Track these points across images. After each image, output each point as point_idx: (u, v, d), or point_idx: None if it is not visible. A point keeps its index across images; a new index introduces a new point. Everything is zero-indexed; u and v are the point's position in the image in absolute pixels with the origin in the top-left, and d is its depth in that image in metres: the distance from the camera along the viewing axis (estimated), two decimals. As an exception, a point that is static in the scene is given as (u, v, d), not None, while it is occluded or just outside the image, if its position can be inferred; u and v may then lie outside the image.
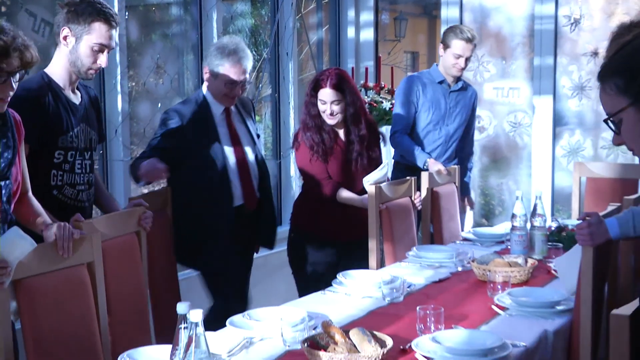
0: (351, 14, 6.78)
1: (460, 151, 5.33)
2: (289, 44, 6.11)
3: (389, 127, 5.83)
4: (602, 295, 3.10)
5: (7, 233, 2.51)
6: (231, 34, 5.96)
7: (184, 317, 2.07)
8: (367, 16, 6.81)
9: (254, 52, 6.09)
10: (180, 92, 5.39)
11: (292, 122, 6.18)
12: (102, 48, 3.35)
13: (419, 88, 5.12)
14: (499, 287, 3.29)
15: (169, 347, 2.21)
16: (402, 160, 5.21)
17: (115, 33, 3.43)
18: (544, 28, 6.14)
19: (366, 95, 6.06)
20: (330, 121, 4.28)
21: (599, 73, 1.86)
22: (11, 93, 2.62)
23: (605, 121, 1.90)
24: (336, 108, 4.24)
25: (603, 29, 6.20)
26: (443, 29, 6.49)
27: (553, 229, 4.42)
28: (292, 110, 6.17)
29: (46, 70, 3.41)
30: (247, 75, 4.13)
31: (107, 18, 3.33)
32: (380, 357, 2.53)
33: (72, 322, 2.81)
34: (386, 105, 6.03)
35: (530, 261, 3.72)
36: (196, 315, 2.00)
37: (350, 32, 6.79)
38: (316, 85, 4.28)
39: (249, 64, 4.11)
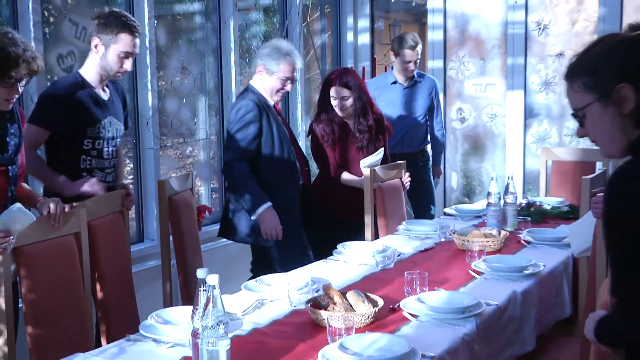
0: (350, 21, 6.75)
1: (432, 130, 5.47)
2: (296, 47, 6.08)
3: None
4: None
5: (10, 208, 2.54)
6: (247, 39, 5.95)
7: (203, 281, 2.07)
8: (364, 23, 6.78)
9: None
10: (202, 90, 5.38)
11: (299, 114, 6.17)
12: (127, 55, 3.39)
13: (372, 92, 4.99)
14: (476, 254, 3.30)
15: (190, 307, 2.21)
16: (397, 149, 5.23)
17: (138, 41, 3.46)
18: (516, 32, 6.11)
19: (363, 91, 6.05)
20: (342, 113, 4.33)
21: (567, 72, 1.83)
22: (17, 96, 2.65)
23: (574, 114, 1.85)
24: (345, 103, 4.29)
25: (567, 34, 6.17)
26: (430, 34, 6.50)
27: (523, 205, 4.43)
28: (299, 103, 6.16)
29: (80, 71, 3.46)
30: (296, 74, 4.20)
31: (131, 30, 3.38)
32: (372, 315, 2.54)
33: (62, 282, 2.89)
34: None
35: (503, 232, 3.73)
36: (213, 279, 2.00)
37: (350, 36, 6.76)
38: (327, 84, 4.35)
39: (299, 64, 4.14)
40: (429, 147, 5.56)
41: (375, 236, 4.20)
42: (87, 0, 4.59)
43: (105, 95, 3.51)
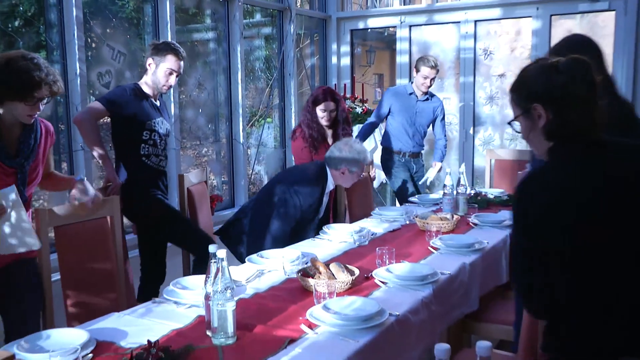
0: (334, 47, 6.75)
1: (436, 138, 5.37)
2: (291, 68, 6.09)
3: (360, 126, 5.88)
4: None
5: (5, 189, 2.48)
6: (251, 61, 5.94)
7: (214, 255, 2.07)
8: (345, 48, 6.78)
9: (267, 74, 6.08)
10: (215, 102, 5.37)
11: (293, 122, 6.16)
12: (172, 72, 3.52)
13: (391, 97, 5.20)
14: (434, 234, 3.30)
15: (203, 276, 2.21)
16: (386, 144, 5.31)
17: (182, 64, 3.57)
18: (467, 57, 6.13)
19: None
20: (326, 123, 4.28)
21: (511, 85, 1.84)
22: (38, 113, 2.55)
23: (509, 123, 1.86)
24: (332, 114, 4.26)
25: (507, 58, 6.21)
26: (399, 58, 6.50)
27: (472, 194, 4.43)
28: (293, 114, 6.15)
29: (139, 82, 3.58)
30: None
31: (176, 52, 3.52)
32: (350, 282, 2.54)
33: (95, 259, 2.92)
34: (359, 110, 6.02)
35: (455, 216, 3.74)
36: (222, 253, 2.00)
37: (334, 59, 6.76)
38: (317, 100, 4.26)
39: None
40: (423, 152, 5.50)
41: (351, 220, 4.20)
42: (122, 30, 4.57)
43: (156, 103, 3.62)
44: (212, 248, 2.08)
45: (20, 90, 2.44)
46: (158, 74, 3.51)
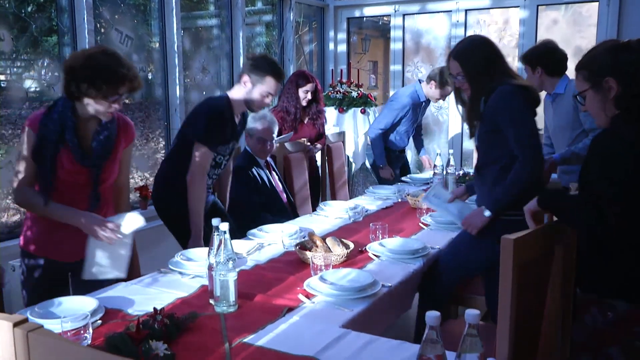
0: (332, 34, 6.68)
1: (419, 129, 5.19)
2: (290, 53, 6.03)
3: (355, 109, 5.84)
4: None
5: (128, 214, 2.33)
6: (252, 47, 5.87)
7: (217, 228, 2.06)
8: (342, 36, 6.72)
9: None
10: (219, 85, 5.32)
11: (292, 106, 6.13)
12: (269, 95, 3.01)
13: (409, 109, 4.80)
14: (424, 211, 3.30)
15: (206, 249, 2.20)
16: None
17: (280, 85, 3.07)
18: (458, 44, 6.06)
19: (341, 87, 5.99)
20: (305, 104, 4.34)
21: (575, 66, 1.91)
22: (118, 108, 2.32)
23: (575, 97, 1.95)
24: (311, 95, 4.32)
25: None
26: (393, 45, 6.43)
27: (460, 174, 4.41)
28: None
29: (229, 95, 3.05)
30: None
31: (278, 75, 2.99)
32: (345, 255, 2.54)
33: None
34: (354, 94, 5.97)
35: (445, 195, 3.72)
36: (224, 226, 1.99)
37: (331, 46, 6.70)
38: (300, 83, 4.30)
39: None
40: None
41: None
42: (130, 15, 4.50)
43: (237, 120, 3.14)
44: (215, 221, 2.07)
45: (102, 87, 2.21)
46: (254, 94, 2.98)
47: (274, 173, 3.82)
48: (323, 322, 1.89)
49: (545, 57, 3.48)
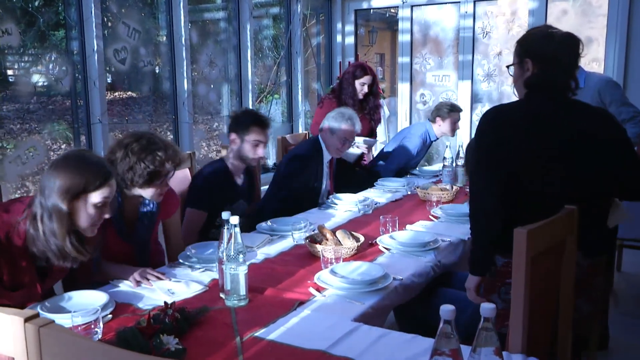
0: (339, 26, 6.64)
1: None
2: (298, 46, 6.00)
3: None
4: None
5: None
6: (259, 40, 5.85)
7: (226, 221, 2.04)
8: (350, 28, 6.67)
9: (274, 52, 5.99)
10: (226, 78, 5.30)
11: (300, 98, 6.11)
12: (258, 143, 3.01)
13: (420, 149, 4.64)
14: (434, 204, 3.27)
15: (215, 242, 2.19)
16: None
17: (268, 132, 3.06)
18: (466, 36, 6.01)
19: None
20: (361, 97, 4.33)
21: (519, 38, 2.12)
22: (167, 188, 2.39)
23: (507, 67, 2.14)
24: (368, 88, 4.32)
25: (504, 37, 6.08)
26: (401, 37, 6.38)
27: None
28: (300, 90, 6.09)
29: (225, 159, 3.11)
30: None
31: (260, 123, 3.03)
32: (355, 248, 2.52)
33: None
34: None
35: (455, 187, 3.70)
36: (234, 220, 1.97)
37: (339, 38, 6.66)
38: (358, 73, 4.31)
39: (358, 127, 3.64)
40: None
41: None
42: (137, 8, 4.48)
43: (239, 181, 3.14)
44: (224, 214, 2.06)
45: (147, 176, 2.27)
46: (245, 148, 3.01)
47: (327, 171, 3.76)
48: (334, 316, 1.87)
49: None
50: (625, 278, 4.47)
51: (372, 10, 6.95)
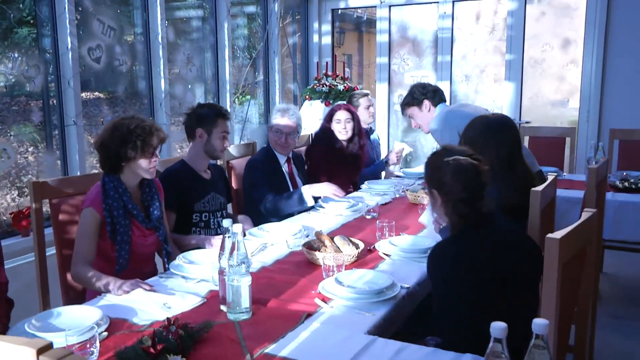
0: (315, 25, 6.55)
1: None
2: (275, 45, 5.89)
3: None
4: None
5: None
6: (238, 38, 5.72)
7: (227, 229, 1.93)
8: (327, 27, 6.59)
9: (246, 52, 5.85)
10: (202, 78, 5.15)
11: (277, 99, 5.99)
12: (225, 134, 3.03)
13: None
14: (425, 207, 3.20)
15: (215, 250, 2.07)
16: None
17: (229, 123, 3.09)
18: (444, 36, 5.99)
19: (327, 80, 5.86)
20: (344, 136, 4.08)
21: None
22: (156, 162, 2.47)
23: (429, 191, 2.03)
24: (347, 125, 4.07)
25: (484, 38, 6.08)
26: (378, 36, 6.32)
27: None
28: (277, 90, 5.98)
29: (185, 159, 3.07)
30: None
31: (225, 114, 3.05)
32: (356, 255, 2.43)
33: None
34: (340, 87, 5.84)
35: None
36: (237, 228, 1.86)
37: (315, 38, 6.57)
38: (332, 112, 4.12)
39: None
40: None
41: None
42: (112, 3, 4.30)
43: (207, 176, 3.09)
44: (226, 222, 1.94)
45: (138, 144, 2.37)
46: (213, 141, 3.00)
47: (293, 168, 3.73)
48: (346, 329, 1.77)
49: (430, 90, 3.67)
50: (607, 279, 4.49)
51: (340, 11, 6.87)
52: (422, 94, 3.69)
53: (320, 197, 3.43)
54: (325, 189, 3.38)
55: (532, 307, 1.82)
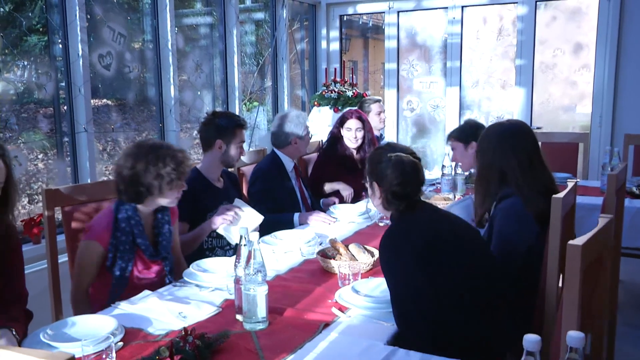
0: (324, 32, 6.54)
1: None
2: (283, 51, 5.88)
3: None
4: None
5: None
6: (245, 44, 5.71)
7: (243, 238, 1.91)
8: (335, 33, 6.58)
9: (253, 58, 5.84)
10: (211, 85, 5.14)
11: (286, 105, 5.97)
12: (242, 143, 3.04)
13: None
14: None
15: (231, 259, 2.04)
16: None
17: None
18: (454, 42, 5.98)
19: (335, 86, 5.84)
20: (354, 144, 4.09)
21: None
22: (185, 188, 2.39)
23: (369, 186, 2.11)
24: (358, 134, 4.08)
25: (493, 43, 6.06)
26: (386, 42, 6.30)
27: (467, 175, 4.30)
28: (286, 96, 5.96)
29: (198, 167, 3.02)
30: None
31: (243, 123, 3.04)
32: (372, 263, 2.40)
33: None
34: (349, 93, 5.82)
35: (457, 196, 3.64)
36: (254, 236, 1.84)
37: (323, 44, 6.56)
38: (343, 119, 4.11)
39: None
40: None
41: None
42: (122, 10, 4.29)
43: (219, 185, 3.07)
44: (242, 231, 1.92)
45: (175, 180, 2.28)
46: (231, 152, 3.00)
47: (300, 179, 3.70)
48: (366, 339, 1.74)
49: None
50: (623, 286, 4.43)
51: (345, 18, 6.86)
52: (472, 135, 3.44)
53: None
54: (314, 218, 3.25)
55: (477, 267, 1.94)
